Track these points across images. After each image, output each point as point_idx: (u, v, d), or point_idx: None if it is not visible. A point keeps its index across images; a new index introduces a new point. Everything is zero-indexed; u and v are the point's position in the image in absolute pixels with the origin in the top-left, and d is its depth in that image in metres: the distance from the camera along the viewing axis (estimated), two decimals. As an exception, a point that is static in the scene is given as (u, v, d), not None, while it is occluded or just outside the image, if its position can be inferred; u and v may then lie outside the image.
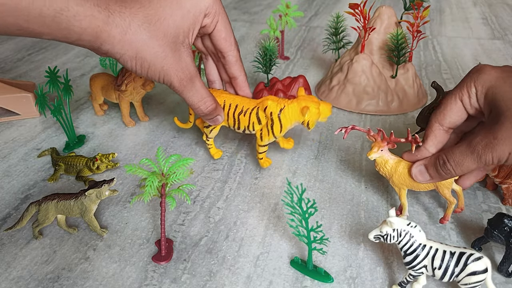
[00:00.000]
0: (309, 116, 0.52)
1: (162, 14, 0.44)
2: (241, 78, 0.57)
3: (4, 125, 0.73)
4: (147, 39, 0.43)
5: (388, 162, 0.48)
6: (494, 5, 1.47)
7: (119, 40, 0.42)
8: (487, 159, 0.40)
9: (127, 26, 0.42)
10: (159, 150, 0.43)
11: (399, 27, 0.76)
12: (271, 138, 0.55)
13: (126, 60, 0.44)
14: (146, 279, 0.44)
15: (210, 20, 0.49)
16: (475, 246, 0.46)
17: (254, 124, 0.55)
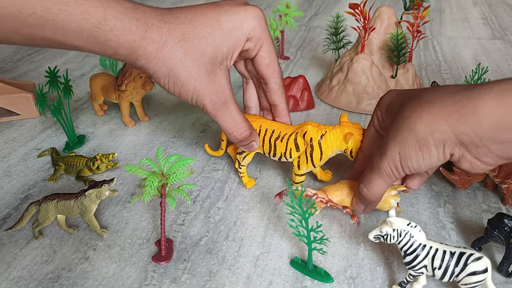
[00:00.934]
0: (352, 144, 0.49)
1: (201, 33, 0.42)
2: (282, 106, 0.53)
3: (4, 125, 0.73)
4: (182, 57, 0.42)
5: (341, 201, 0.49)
6: (494, 5, 1.47)
7: (154, 57, 0.41)
8: (385, 168, 0.42)
9: (164, 42, 0.41)
10: (159, 150, 0.43)
11: (399, 27, 0.76)
12: (309, 167, 0.51)
13: (159, 77, 0.43)
14: (146, 279, 0.44)
15: (253, 44, 0.46)
16: (475, 246, 0.46)
17: (292, 151, 0.51)
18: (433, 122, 0.37)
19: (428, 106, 0.38)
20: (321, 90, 0.82)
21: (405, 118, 0.39)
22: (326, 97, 0.80)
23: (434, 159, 0.39)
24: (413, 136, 0.38)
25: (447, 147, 0.38)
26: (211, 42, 0.43)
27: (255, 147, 0.51)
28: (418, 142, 0.38)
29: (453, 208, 0.53)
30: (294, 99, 0.76)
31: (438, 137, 0.38)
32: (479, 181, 0.54)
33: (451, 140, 0.37)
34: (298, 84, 0.77)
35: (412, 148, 0.39)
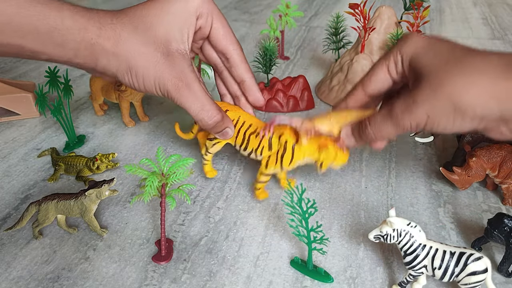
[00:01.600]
0: (324, 156, 0.48)
1: (149, 22, 0.43)
2: (249, 81, 0.52)
3: (4, 125, 0.73)
4: (137, 48, 0.43)
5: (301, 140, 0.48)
6: (494, 5, 1.47)
7: (112, 53, 0.42)
8: (405, 124, 0.39)
9: (118, 37, 0.42)
10: (159, 150, 0.43)
11: (399, 27, 0.76)
12: (277, 168, 0.50)
13: (122, 74, 0.44)
14: (146, 279, 0.44)
15: (204, 20, 0.47)
16: (475, 246, 0.46)
17: (264, 149, 0.50)
18: (480, 96, 0.35)
19: (477, 76, 0.35)
20: (321, 90, 0.82)
21: (444, 83, 0.36)
22: (326, 97, 0.80)
23: (465, 128, 0.37)
24: (452, 105, 0.36)
25: (484, 121, 0.36)
26: (161, 27, 0.44)
27: (230, 134, 0.50)
28: (455, 111, 0.36)
29: (453, 208, 0.53)
30: (294, 99, 0.76)
31: (480, 112, 0.35)
32: (479, 181, 0.54)
33: (493, 116, 0.35)
34: (298, 84, 0.77)
35: (445, 116, 0.36)
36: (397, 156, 0.64)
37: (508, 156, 0.51)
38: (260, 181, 0.53)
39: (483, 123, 0.36)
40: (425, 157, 0.63)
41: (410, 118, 0.39)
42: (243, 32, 1.20)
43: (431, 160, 0.63)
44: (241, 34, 1.18)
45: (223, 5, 1.48)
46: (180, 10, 0.45)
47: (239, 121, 0.52)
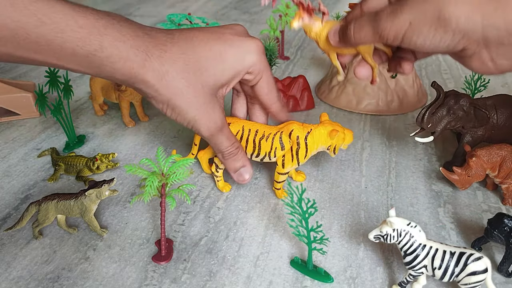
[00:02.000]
0: (336, 140, 0.50)
1: (204, 65, 0.43)
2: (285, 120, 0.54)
3: (4, 125, 0.73)
4: (184, 88, 0.42)
5: (312, 29, 0.45)
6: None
7: (153, 84, 0.41)
8: (385, 29, 0.37)
9: (165, 72, 0.41)
10: (159, 150, 0.43)
11: (399, 27, 0.75)
12: (294, 165, 0.52)
13: (157, 102, 0.43)
14: (146, 279, 0.44)
15: (253, 77, 0.47)
16: (475, 246, 0.46)
17: (277, 150, 0.51)
18: (466, 6, 0.33)
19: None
20: (321, 90, 0.82)
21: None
22: (326, 97, 0.80)
23: (444, 44, 0.35)
24: (437, 12, 0.34)
25: (464, 39, 0.35)
26: (213, 75, 0.43)
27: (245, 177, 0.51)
28: (439, 20, 0.34)
29: (453, 208, 0.53)
30: (294, 99, 0.76)
31: (463, 24, 0.34)
32: (479, 181, 0.54)
33: (474, 34, 0.34)
34: (298, 84, 0.77)
35: (428, 24, 0.35)
36: (397, 156, 0.64)
37: (508, 156, 0.51)
38: (279, 182, 0.54)
39: (463, 41, 0.34)
40: (425, 157, 0.63)
41: (392, 23, 0.36)
42: (243, 32, 1.20)
43: (431, 160, 0.63)
44: (241, 34, 1.18)
45: (223, 5, 1.48)
46: (237, 62, 0.45)
47: (244, 130, 0.52)
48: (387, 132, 0.70)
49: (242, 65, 0.45)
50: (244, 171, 0.51)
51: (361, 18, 0.40)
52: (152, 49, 0.40)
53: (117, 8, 1.46)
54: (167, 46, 0.41)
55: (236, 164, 0.51)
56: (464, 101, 0.55)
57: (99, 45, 0.36)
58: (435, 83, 0.55)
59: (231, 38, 0.45)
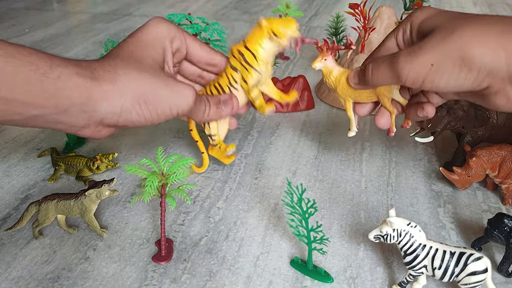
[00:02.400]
0: (269, 25, 0.48)
1: (137, 54, 0.43)
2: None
3: (4, 125, 0.73)
4: (139, 76, 0.41)
5: (332, 72, 0.46)
6: (494, 5, 1.47)
7: (113, 91, 0.40)
8: (403, 71, 0.37)
9: (114, 74, 0.40)
10: (159, 150, 0.43)
11: (399, 27, 0.75)
12: (252, 75, 0.50)
13: (129, 108, 0.41)
14: (146, 279, 0.44)
15: (179, 42, 0.48)
16: (475, 246, 0.46)
17: (233, 75, 0.51)
18: (489, 44, 0.33)
19: (487, 28, 0.34)
20: (321, 90, 0.82)
21: (454, 32, 0.35)
22: (326, 97, 0.80)
23: (468, 83, 0.35)
24: (460, 52, 0.34)
25: (489, 77, 0.34)
26: (149, 57, 0.44)
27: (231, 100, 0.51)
28: (462, 60, 0.34)
29: (453, 208, 0.53)
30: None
31: (487, 64, 0.33)
32: (479, 181, 0.54)
33: (499, 72, 0.34)
34: (298, 84, 0.77)
35: (451, 64, 0.34)
36: (397, 156, 0.64)
37: (508, 156, 0.51)
38: (255, 98, 0.52)
39: (488, 79, 0.34)
40: (425, 157, 0.63)
41: (412, 65, 0.36)
42: (243, 32, 1.20)
43: (431, 160, 0.63)
44: (241, 34, 1.18)
45: (223, 5, 1.48)
46: (155, 38, 0.46)
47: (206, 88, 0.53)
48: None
49: (161, 36, 0.46)
50: (224, 100, 0.51)
51: (378, 58, 0.40)
52: (93, 64, 0.40)
53: (117, 8, 1.46)
54: (102, 59, 0.42)
55: (214, 108, 0.50)
56: (464, 101, 0.55)
57: (49, 66, 0.36)
58: (435, 83, 0.55)
59: (138, 29, 0.47)
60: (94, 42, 1.14)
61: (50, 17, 1.36)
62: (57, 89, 0.36)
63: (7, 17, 1.37)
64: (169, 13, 1.09)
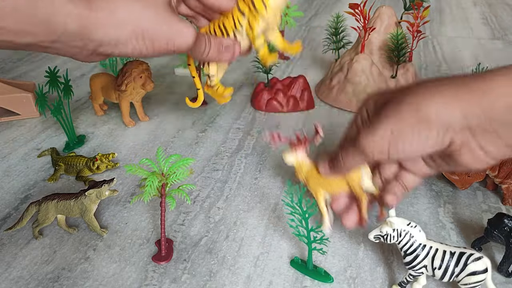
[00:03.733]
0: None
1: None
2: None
3: (4, 125, 0.73)
4: (141, 10, 0.40)
5: (303, 165, 0.45)
6: (494, 5, 1.47)
7: (110, 22, 0.38)
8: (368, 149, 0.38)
9: (113, 5, 0.38)
10: (159, 150, 0.43)
11: (399, 27, 0.76)
12: (258, 22, 0.47)
13: (126, 41, 0.40)
14: (146, 279, 0.44)
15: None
16: (475, 246, 0.46)
17: (240, 19, 0.48)
18: (442, 101, 0.34)
19: (436, 86, 0.35)
20: (321, 90, 0.82)
21: (406, 97, 0.36)
22: (326, 97, 0.80)
23: (431, 141, 0.35)
24: (415, 114, 0.35)
25: (450, 132, 0.35)
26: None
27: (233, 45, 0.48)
28: (420, 121, 0.35)
29: (453, 208, 0.53)
30: (294, 99, 0.76)
31: (444, 118, 0.34)
32: (479, 181, 0.54)
33: (457, 124, 0.34)
34: (298, 84, 0.77)
35: (410, 127, 0.35)
36: (397, 156, 0.63)
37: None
38: (259, 46, 0.50)
39: (449, 134, 0.35)
40: (425, 157, 0.63)
41: (373, 137, 0.37)
42: (243, 32, 1.20)
43: (431, 160, 0.63)
44: (241, 34, 1.18)
45: (223, 5, 1.48)
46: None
47: (209, 27, 0.50)
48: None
49: None
50: (226, 44, 0.48)
51: (345, 143, 0.41)
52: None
53: None
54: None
55: (215, 48, 0.48)
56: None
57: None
58: (435, 83, 0.55)
59: None
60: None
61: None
62: (49, 15, 0.35)
63: (7, 17, 1.37)
64: (169, 13, 1.09)
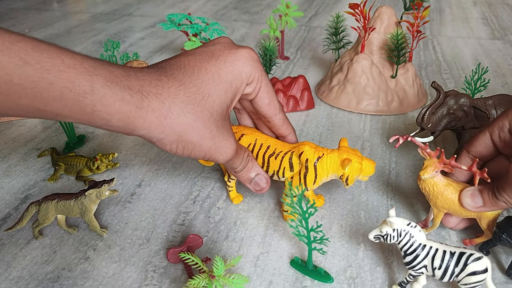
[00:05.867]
0: (349, 171, 0.45)
1: (206, 91, 0.39)
2: (291, 137, 0.51)
3: (4, 125, 0.73)
4: (193, 122, 0.38)
5: (437, 184, 0.44)
6: (494, 5, 1.47)
7: (157, 125, 0.37)
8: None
9: (167, 109, 0.37)
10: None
11: (399, 27, 0.76)
12: (300, 188, 0.46)
13: (165, 143, 0.39)
14: (146, 279, 0.44)
15: (252, 88, 0.44)
16: (482, 250, 0.46)
17: (285, 170, 0.48)
18: None
19: None
20: (321, 90, 0.82)
21: None
22: (326, 97, 0.80)
23: None
24: None
25: None
26: (218, 99, 0.40)
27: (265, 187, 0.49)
28: None
29: (453, 208, 0.53)
30: (294, 99, 0.76)
31: None
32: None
33: None
34: (298, 84, 0.77)
35: None
36: (397, 156, 0.64)
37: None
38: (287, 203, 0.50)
39: None
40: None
41: None
42: (243, 32, 1.20)
43: (431, 160, 0.63)
44: (241, 34, 1.18)
45: (223, 5, 1.48)
46: (235, 77, 0.42)
47: (256, 144, 0.49)
48: (387, 132, 0.70)
49: (240, 78, 0.42)
50: (259, 179, 0.49)
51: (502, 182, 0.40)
52: (147, 87, 0.36)
53: (117, 8, 1.46)
54: (162, 81, 0.37)
55: (250, 174, 0.48)
56: (464, 101, 0.55)
57: (90, 86, 0.32)
58: (435, 83, 0.55)
59: (223, 54, 0.42)
60: (94, 42, 1.14)
61: (50, 17, 1.36)
62: (94, 110, 0.33)
63: (7, 17, 1.37)
64: (169, 13, 1.09)
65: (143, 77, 0.36)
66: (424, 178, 0.44)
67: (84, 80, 0.32)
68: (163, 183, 0.58)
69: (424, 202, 0.54)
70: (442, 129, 0.56)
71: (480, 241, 0.46)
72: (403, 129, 0.71)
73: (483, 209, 0.43)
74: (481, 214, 0.44)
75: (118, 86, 0.34)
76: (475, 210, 0.43)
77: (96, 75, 0.33)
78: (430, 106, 0.55)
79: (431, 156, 0.44)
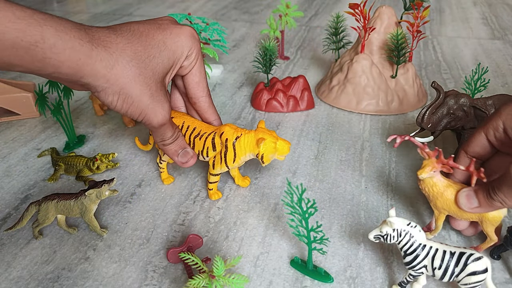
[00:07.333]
0: (264, 149, 0.49)
1: (151, 53, 0.43)
2: (215, 123, 0.54)
3: (4, 125, 0.73)
4: (136, 76, 0.42)
5: (436, 184, 0.44)
6: (494, 5, 1.47)
7: (103, 74, 0.40)
8: None
9: (114, 61, 0.40)
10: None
11: (399, 27, 0.76)
12: (223, 167, 0.52)
13: (107, 94, 0.42)
14: (146, 279, 0.44)
15: (188, 63, 0.48)
16: (493, 254, 0.45)
17: (209, 150, 0.52)
18: None
19: None
20: (321, 90, 0.82)
21: None
22: (326, 97, 0.80)
23: None
24: None
25: None
26: (160, 62, 0.44)
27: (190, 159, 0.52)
28: None
29: (453, 208, 0.53)
30: (294, 99, 0.76)
31: None
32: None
33: None
34: (298, 84, 0.77)
35: None
36: (397, 156, 0.64)
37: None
38: (211, 182, 0.54)
39: None
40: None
41: None
42: (243, 32, 1.20)
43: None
44: (241, 34, 1.18)
45: (223, 5, 1.48)
46: (177, 47, 0.46)
47: (183, 126, 0.53)
48: (387, 132, 0.70)
49: (181, 49, 0.46)
50: (186, 152, 0.52)
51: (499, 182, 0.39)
52: (97, 40, 0.39)
53: (117, 8, 1.46)
54: (111, 38, 0.41)
55: (176, 147, 0.51)
56: (464, 101, 0.55)
57: (40, 36, 0.34)
58: (435, 83, 0.55)
59: (169, 27, 0.46)
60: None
61: (50, 17, 1.36)
62: (45, 57, 0.36)
63: (7, 17, 1.37)
64: (169, 13, 1.09)
65: (93, 32, 0.40)
66: (421, 178, 0.44)
67: (34, 30, 0.34)
68: (163, 183, 0.58)
69: (424, 202, 0.54)
70: (442, 129, 0.56)
71: (486, 246, 0.45)
72: (403, 129, 0.71)
73: (478, 210, 0.42)
74: (483, 217, 0.44)
75: (68, 36, 0.37)
76: (471, 211, 0.42)
77: (46, 25, 0.35)
78: (430, 106, 0.55)
79: (429, 156, 0.44)
